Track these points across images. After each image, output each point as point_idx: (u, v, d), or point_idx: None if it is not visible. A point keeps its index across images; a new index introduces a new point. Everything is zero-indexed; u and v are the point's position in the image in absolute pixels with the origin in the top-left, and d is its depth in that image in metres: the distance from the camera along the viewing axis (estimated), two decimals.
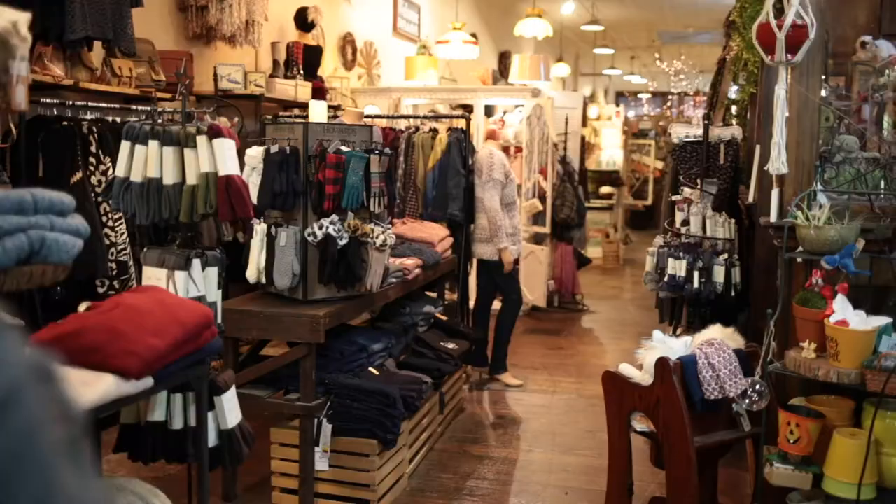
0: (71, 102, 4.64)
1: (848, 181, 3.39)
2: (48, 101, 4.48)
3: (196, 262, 2.83)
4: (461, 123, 6.20)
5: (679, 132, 5.51)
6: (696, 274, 4.67)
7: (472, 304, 6.08)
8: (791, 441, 3.03)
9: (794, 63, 3.32)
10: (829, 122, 3.63)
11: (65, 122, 4.51)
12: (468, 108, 7.53)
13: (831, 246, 3.03)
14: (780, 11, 3.28)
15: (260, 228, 3.73)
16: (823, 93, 3.62)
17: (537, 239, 8.36)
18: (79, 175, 4.45)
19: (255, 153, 3.73)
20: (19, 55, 1.53)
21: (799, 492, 3.10)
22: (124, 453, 2.76)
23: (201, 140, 2.85)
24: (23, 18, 1.55)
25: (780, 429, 3.08)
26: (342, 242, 3.63)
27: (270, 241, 3.70)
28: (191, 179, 2.87)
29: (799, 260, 3.33)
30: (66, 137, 4.46)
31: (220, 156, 2.84)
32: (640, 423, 3.32)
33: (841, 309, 2.90)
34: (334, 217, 3.65)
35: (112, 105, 4.86)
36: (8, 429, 0.59)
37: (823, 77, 3.63)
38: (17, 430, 0.59)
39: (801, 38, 3.24)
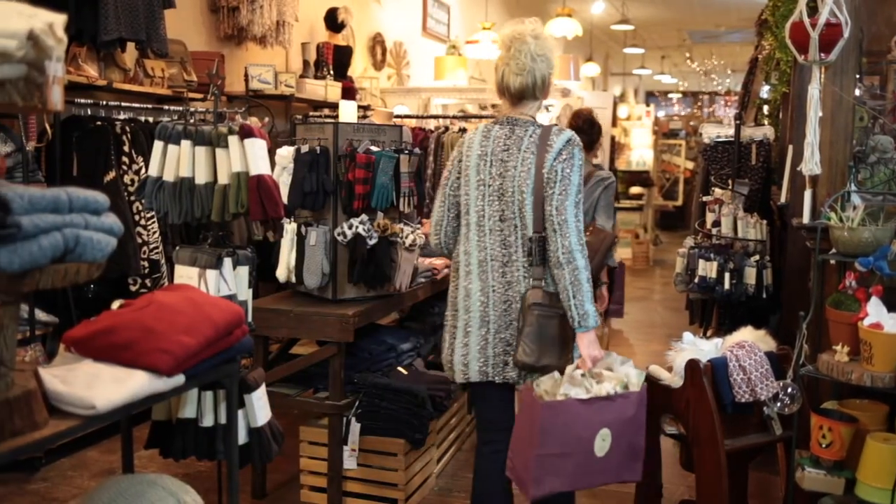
0: (104, 103, 4.70)
1: (883, 182, 3.35)
2: (82, 101, 4.54)
3: (227, 261, 2.85)
4: None
5: (710, 132, 5.47)
6: (726, 275, 4.63)
7: None
8: (823, 445, 2.99)
9: (827, 62, 3.28)
10: (864, 122, 3.59)
11: (98, 122, 4.57)
12: (497, 108, 7.50)
13: (865, 248, 2.99)
14: (813, 10, 3.24)
15: (290, 228, 3.75)
16: (857, 92, 3.57)
17: None
18: (112, 174, 4.51)
19: (285, 153, 3.75)
20: (55, 56, 1.55)
21: (831, 497, 3.06)
22: (156, 449, 2.79)
23: (233, 140, 2.87)
24: (59, 20, 1.57)
25: (812, 433, 3.04)
26: (372, 242, 3.64)
27: (300, 240, 3.72)
28: (222, 179, 2.90)
29: (832, 262, 3.30)
30: (99, 137, 4.52)
31: (251, 156, 2.86)
32: (669, 426, 3.30)
33: (875, 312, 2.86)
34: (364, 217, 3.66)
35: (145, 105, 4.91)
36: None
37: (857, 76, 3.59)
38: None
39: (835, 36, 3.20)
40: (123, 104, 4.79)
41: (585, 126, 4.76)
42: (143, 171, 4.56)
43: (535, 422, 2.61)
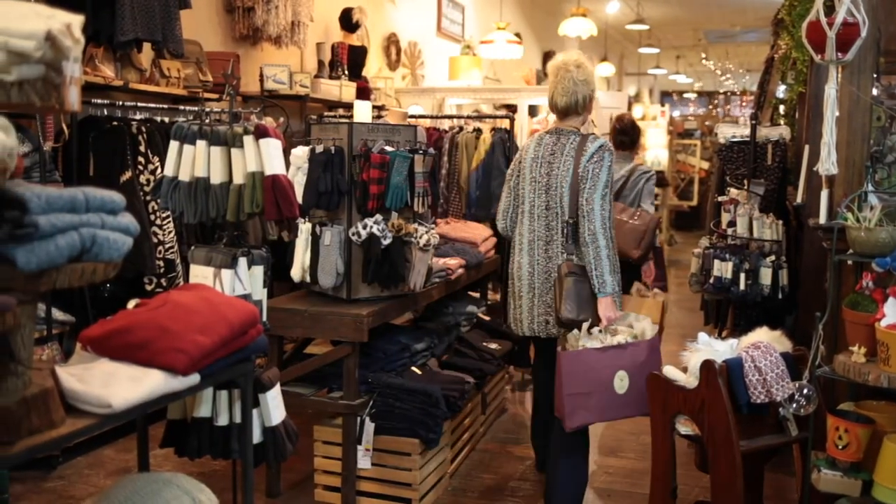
0: (121, 103, 4.73)
1: None
2: (99, 101, 4.56)
3: (242, 261, 2.86)
4: (505, 123, 6.18)
5: (725, 132, 5.45)
6: (742, 276, 4.60)
7: None
8: (840, 447, 2.98)
9: (844, 62, 3.26)
10: (881, 122, 3.56)
11: (115, 123, 4.59)
12: (512, 108, 7.50)
13: (882, 248, 2.97)
14: (830, 9, 3.22)
15: (305, 228, 3.76)
16: (875, 92, 3.54)
17: None
18: (128, 174, 4.53)
19: (300, 153, 3.76)
20: (72, 57, 1.57)
21: (847, 499, 3.04)
22: (171, 448, 2.81)
23: (248, 140, 2.88)
24: (76, 21, 1.58)
25: (829, 434, 3.02)
26: (386, 242, 3.65)
27: (315, 240, 3.73)
28: (237, 179, 2.91)
29: (849, 262, 3.27)
30: (116, 137, 4.54)
31: (266, 155, 2.87)
32: (684, 427, 3.29)
33: (892, 313, 2.84)
34: (378, 217, 3.66)
35: (160, 105, 4.94)
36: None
37: (875, 75, 3.56)
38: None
39: (852, 35, 3.18)
40: (139, 104, 4.82)
41: (628, 128, 5.45)
42: (159, 170, 4.58)
43: (561, 368, 3.31)
